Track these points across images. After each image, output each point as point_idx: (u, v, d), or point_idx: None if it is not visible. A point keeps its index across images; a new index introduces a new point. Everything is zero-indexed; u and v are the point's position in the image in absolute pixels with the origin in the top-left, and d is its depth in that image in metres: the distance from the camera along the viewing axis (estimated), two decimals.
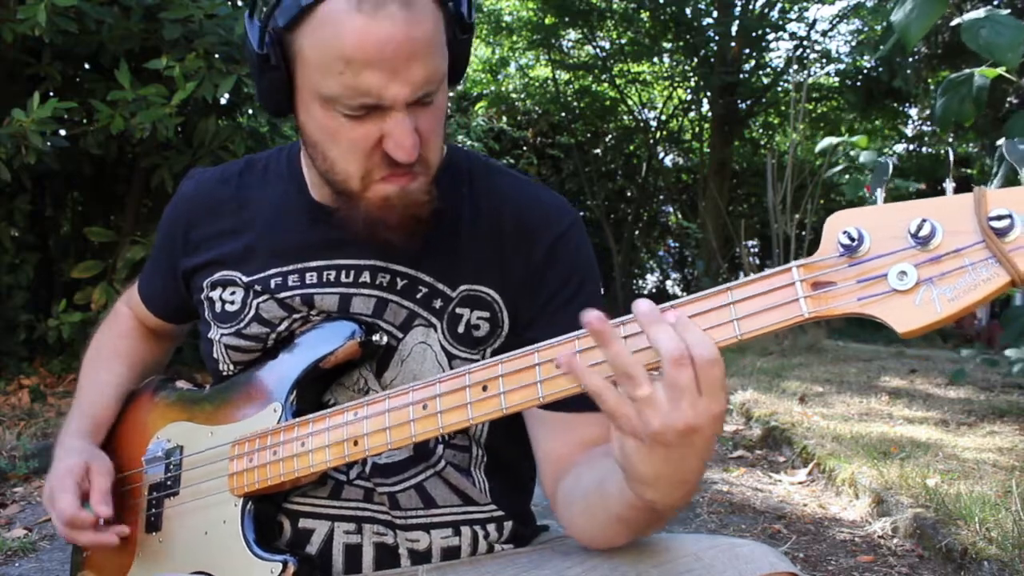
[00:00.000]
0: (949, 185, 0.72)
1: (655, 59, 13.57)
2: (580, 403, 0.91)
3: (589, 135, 14.35)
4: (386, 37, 0.89)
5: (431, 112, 0.97)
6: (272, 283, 1.10)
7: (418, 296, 1.08)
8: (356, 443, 0.97)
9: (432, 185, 1.02)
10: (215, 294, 1.14)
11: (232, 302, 1.13)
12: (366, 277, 1.08)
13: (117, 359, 1.30)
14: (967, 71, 2.42)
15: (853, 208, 0.74)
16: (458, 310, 1.08)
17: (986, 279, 0.67)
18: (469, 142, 11.39)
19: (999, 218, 0.67)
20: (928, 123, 12.21)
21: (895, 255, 0.71)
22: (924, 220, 0.69)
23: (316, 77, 0.93)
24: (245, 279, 1.12)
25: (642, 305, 0.77)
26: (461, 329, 1.08)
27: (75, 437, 1.21)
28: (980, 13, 2.13)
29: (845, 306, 0.72)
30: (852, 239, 0.72)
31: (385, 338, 1.07)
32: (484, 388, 0.88)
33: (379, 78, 0.90)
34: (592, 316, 0.77)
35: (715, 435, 0.78)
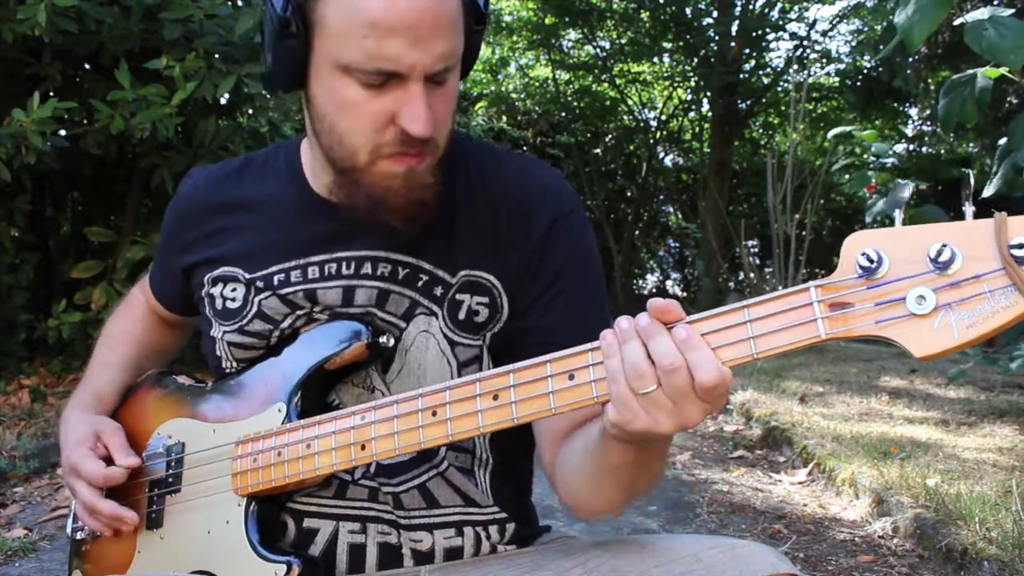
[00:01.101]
0: (968, 209, 0.71)
1: (655, 59, 13.55)
2: None
3: (589, 135, 14.34)
4: (414, 4, 0.90)
5: (444, 94, 0.98)
6: (275, 280, 1.10)
7: (419, 284, 1.08)
8: (363, 447, 0.97)
9: (437, 170, 1.02)
10: (216, 290, 1.14)
11: (233, 299, 1.13)
12: (367, 268, 1.08)
13: (126, 341, 1.31)
14: (970, 72, 2.42)
15: (872, 229, 0.74)
16: (458, 296, 1.07)
17: (1005, 307, 0.68)
18: None
19: (1020, 246, 0.67)
20: (928, 123, 12.20)
21: (914, 279, 0.71)
22: (944, 245, 0.69)
23: (336, 44, 0.93)
24: (247, 276, 1.12)
25: (643, 320, 0.80)
26: (462, 315, 1.07)
27: (77, 410, 1.22)
28: (983, 14, 2.13)
29: (862, 328, 0.73)
30: (871, 261, 0.72)
31: (392, 340, 1.07)
32: (495, 397, 0.88)
33: (401, 45, 0.91)
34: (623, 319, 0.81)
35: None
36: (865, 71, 11.76)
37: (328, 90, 0.97)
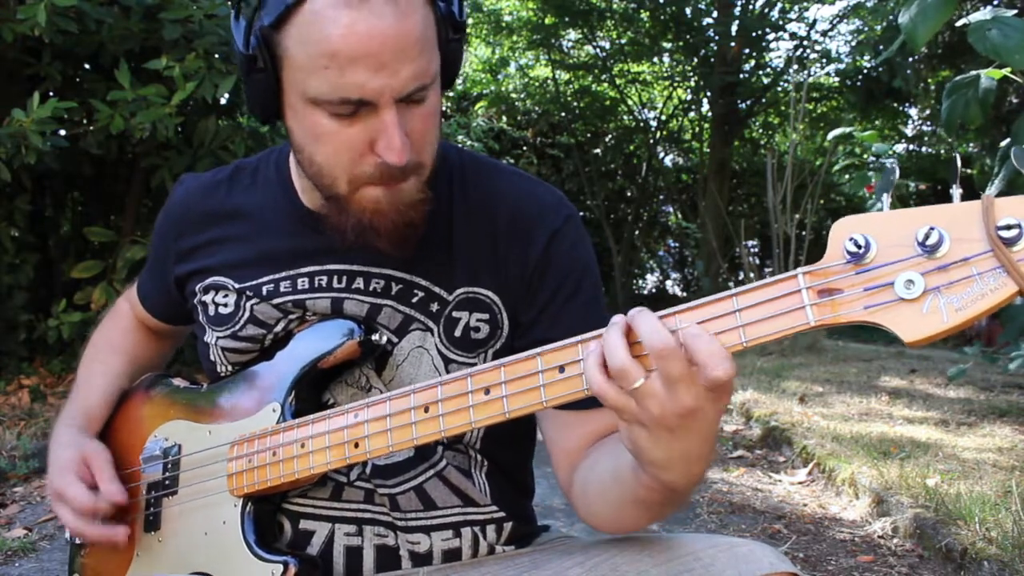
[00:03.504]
0: (956, 192, 0.71)
1: (655, 59, 13.56)
2: (590, 402, 0.92)
3: (589, 135, 14.34)
4: (372, 31, 0.87)
5: (423, 112, 0.95)
6: (264, 290, 1.10)
7: (414, 300, 1.07)
8: (357, 445, 0.97)
9: (426, 186, 1.00)
10: (208, 298, 1.14)
11: (225, 305, 1.12)
12: (359, 283, 1.07)
13: (113, 354, 1.30)
14: (973, 73, 2.41)
15: (859, 214, 0.73)
16: (455, 313, 1.07)
17: (993, 289, 0.67)
18: (469, 142, 11.36)
19: (1008, 227, 0.66)
20: (928, 123, 12.20)
21: (902, 263, 0.70)
22: (932, 228, 0.69)
23: (301, 76, 0.91)
24: (237, 285, 1.12)
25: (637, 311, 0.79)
26: (459, 332, 1.07)
27: (66, 428, 1.20)
28: (986, 14, 2.12)
29: (851, 314, 0.72)
30: (859, 246, 0.71)
31: (385, 337, 1.07)
32: (486, 392, 0.88)
33: (365, 73, 0.88)
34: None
35: (719, 412, 0.78)
36: (865, 71, 11.77)
37: (302, 122, 0.95)
